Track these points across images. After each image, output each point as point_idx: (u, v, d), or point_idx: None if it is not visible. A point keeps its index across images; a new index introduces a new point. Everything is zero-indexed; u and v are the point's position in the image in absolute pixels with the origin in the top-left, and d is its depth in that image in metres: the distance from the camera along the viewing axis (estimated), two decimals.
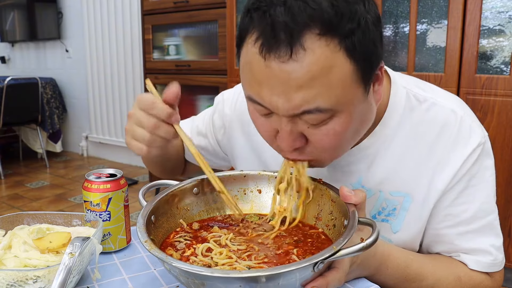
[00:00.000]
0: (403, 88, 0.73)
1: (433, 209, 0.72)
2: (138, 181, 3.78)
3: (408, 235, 0.74)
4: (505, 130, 1.78)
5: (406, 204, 0.72)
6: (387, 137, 0.72)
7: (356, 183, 0.74)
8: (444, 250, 0.75)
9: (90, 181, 0.77)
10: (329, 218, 0.67)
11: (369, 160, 0.73)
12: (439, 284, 0.71)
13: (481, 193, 0.70)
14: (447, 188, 0.70)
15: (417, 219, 0.73)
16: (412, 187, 0.71)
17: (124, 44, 4.02)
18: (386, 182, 0.73)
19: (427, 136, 0.70)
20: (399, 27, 1.97)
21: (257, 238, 0.66)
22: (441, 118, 0.70)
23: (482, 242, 0.71)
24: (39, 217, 0.79)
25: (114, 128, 4.33)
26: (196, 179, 0.75)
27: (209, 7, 2.69)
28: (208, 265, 0.59)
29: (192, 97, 3.05)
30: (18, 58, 5.13)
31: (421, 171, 0.70)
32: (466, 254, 0.73)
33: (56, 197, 3.44)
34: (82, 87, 4.56)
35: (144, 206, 0.67)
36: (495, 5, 1.75)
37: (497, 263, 0.73)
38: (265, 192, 0.75)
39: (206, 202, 0.75)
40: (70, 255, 0.60)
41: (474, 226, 0.71)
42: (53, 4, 4.48)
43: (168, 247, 0.65)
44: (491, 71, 1.80)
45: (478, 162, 0.69)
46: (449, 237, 0.72)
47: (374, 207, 0.74)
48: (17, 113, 4.02)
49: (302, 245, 0.64)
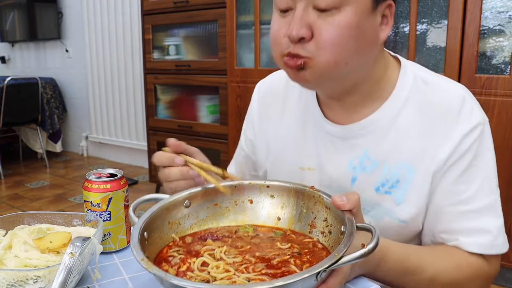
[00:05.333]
0: (411, 72, 0.78)
1: (436, 186, 0.74)
2: (139, 181, 3.78)
3: (411, 207, 0.75)
4: (505, 130, 1.79)
5: (409, 176, 0.74)
6: (394, 112, 0.76)
7: (362, 155, 0.78)
8: (444, 230, 0.75)
9: (90, 181, 0.77)
10: (324, 225, 0.66)
11: (376, 133, 0.77)
12: (439, 274, 0.71)
13: (482, 174, 0.73)
14: (449, 163, 0.72)
15: (419, 192, 0.74)
16: (415, 160, 0.74)
17: (124, 44, 4.02)
18: (391, 155, 0.76)
19: (431, 114, 0.74)
20: (399, 27, 1.97)
21: (252, 250, 0.65)
22: (445, 98, 0.74)
23: (482, 222, 0.72)
24: (39, 217, 0.79)
25: (114, 128, 4.33)
26: (187, 191, 0.74)
27: (209, 7, 2.69)
28: (206, 280, 0.58)
29: (192, 97, 3.05)
30: (18, 58, 5.13)
31: (424, 145, 0.73)
32: (465, 237, 0.73)
33: (56, 197, 3.44)
34: (82, 87, 4.56)
35: (136, 223, 0.65)
36: (495, 5, 1.75)
37: (496, 245, 0.73)
38: (256, 202, 0.74)
39: (197, 215, 0.74)
40: (70, 255, 0.60)
41: (474, 206, 0.72)
42: (53, 4, 4.48)
43: (163, 263, 0.63)
44: (491, 71, 1.80)
45: (478, 141, 0.72)
46: (450, 216, 0.74)
47: (379, 179, 0.76)
48: (17, 113, 4.02)
49: (299, 255, 0.63)
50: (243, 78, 2.47)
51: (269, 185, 0.74)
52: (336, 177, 0.81)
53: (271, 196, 0.74)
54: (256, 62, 2.41)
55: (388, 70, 0.78)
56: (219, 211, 0.75)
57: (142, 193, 3.44)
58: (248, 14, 2.44)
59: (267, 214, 0.74)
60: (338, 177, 0.80)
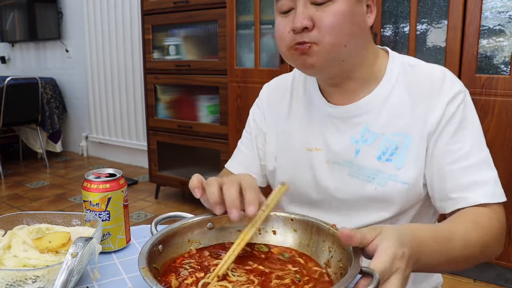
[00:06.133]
0: (398, 59, 0.90)
1: (433, 150, 0.83)
2: (138, 181, 3.78)
3: (410, 170, 0.84)
4: (505, 130, 1.78)
5: (406, 142, 0.84)
6: (386, 92, 0.87)
7: (363, 129, 0.88)
8: (452, 188, 0.81)
9: (89, 181, 0.77)
10: (338, 266, 0.65)
11: (373, 111, 0.87)
12: (465, 238, 0.73)
13: (471, 133, 0.83)
14: (440, 127, 0.82)
15: (416, 155, 0.84)
16: (409, 128, 0.84)
17: (124, 44, 4.02)
18: (388, 126, 0.86)
19: (419, 90, 0.85)
20: (399, 27, 1.97)
21: (258, 270, 0.66)
22: (428, 73, 0.86)
23: (482, 174, 0.81)
24: (38, 217, 0.79)
25: (114, 128, 4.33)
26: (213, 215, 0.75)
27: (209, 7, 2.69)
28: None
29: (192, 97, 3.05)
30: (18, 58, 5.13)
31: (415, 115, 0.84)
32: (471, 192, 0.79)
33: (56, 197, 3.44)
34: (82, 87, 4.56)
35: (154, 234, 0.67)
36: (495, 5, 1.75)
37: (496, 194, 0.80)
38: (279, 233, 0.75)
39: (218, 238, 0.75)
40: (72, 255, 0.60)
41: (471, 161, 0.81)
42: (53, 4, 4.48)
43: (172, 273, 0.65)
44: (491, 71, 1.80)
45: (463, 105, 0.83)
46: (453, 174, 0.81)
47: (379, 148, 0.86)
48: (17, 113, 4.02)
49: (300, 282, 0.63)
50: (243, 78, 2.47)
51: (293, 218, 0.74)
52: (342, 152, 0.89)
53: (294, 230, 0.74)
54: (256, 62, 2.41)
55: (379, 59, 0.89)
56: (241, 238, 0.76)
57: (142, 193, 3.45)
58: (248, 14, 2.44)
59: None
60: (343, 152, 0.88)
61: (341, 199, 0.89)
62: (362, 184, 0.86)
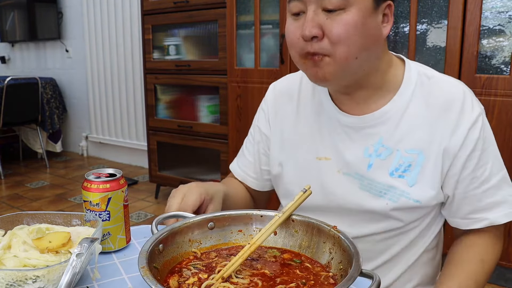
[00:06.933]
0: (415, 68, 0.88)
1: (460, 175, 0.83)
2: (138, 181, 3.78)
3: (423, 189, 0.83)
4: (505, 130, 1.78)
5: (420, 160, 0.83)
6: (403, 103, 0.85)
7: (377, 143, 0.86)
8: (472, 210, 0.84)
9: (89, 181, 0.77)
10: (338, 268, 0.66)
11: (389, 122, 0.85)
12: (477, 280, 0.83)
13: (492, 154, 0.84)
14: (462, 151, 0.82)
15: (429, 174, 0.83)
16: (425, 145, 0.83)
17: (124, 44, 4.02)
18: (402, 142, 0.84)
19: (437, 104, 0.83)
20: (399, 27, 1.97)
21: (264, 274, 0.66)
22: (448, 93, 0.84)
23: (502, 194, 0.83)
24: (38, 217, 0.79)
25: (114, 128, 4.33)
26: (214, 214, 0.75)
27: (209, 7, 2.69)
28: None
29: (192, 97, 3.05)
30: (18, 58, 5.13)
31: (433, 133, 0.83)
32: (492, 213, 0.83)
33: (56, 197, 3.44)
34: (82, 87, 4.56)
35: (154, 234, 0.67)
36: (495, 5, 1.75)
37: None
38: (280, 234, 0.75)
39: (219, 238, 0.75)
40: (77, 255, 0.60)
41: (493, 182, 0.83)
42: (53, 4, 4.48)
43: (174, 274, 0.65)
44: (491, 71, 1.80)
45: (483, 128, 0.83)
46: (476, 196, 0.83)
47: (392, 164, 0.85)
48: (17, 113, 4.02)
49: (305, 286, 0.63)
50: (243, 78, 2.47)
51: (294, 219, 0.74)
52: (354, 164, 0.87)
53: (296, 231, 0.74)
54: (256, 62, 2.41)
55: (393, 67, 0.87)
56: (242, 238, 0.76)
57: (142, 193, 3.45)
58: (248, 14, 2.44)
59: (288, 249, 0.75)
60: (355, 164, 0.87)
61: (348, 209, 0.88)
62: (373, 198, 0.85)
